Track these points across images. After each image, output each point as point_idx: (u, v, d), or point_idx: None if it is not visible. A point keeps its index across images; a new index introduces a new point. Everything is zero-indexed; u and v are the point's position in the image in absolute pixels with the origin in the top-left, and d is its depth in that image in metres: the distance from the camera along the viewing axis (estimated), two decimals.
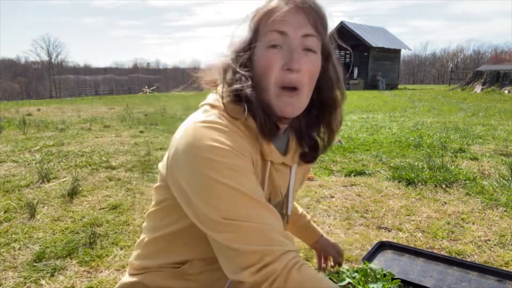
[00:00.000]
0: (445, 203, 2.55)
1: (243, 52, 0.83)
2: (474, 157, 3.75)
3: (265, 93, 0.81)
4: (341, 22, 24.23)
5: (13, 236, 2.05)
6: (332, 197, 2.71)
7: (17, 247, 1.93)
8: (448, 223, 2.22)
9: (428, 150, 4.08)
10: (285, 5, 0.80)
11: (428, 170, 3.17)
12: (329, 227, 2.20)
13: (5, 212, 2.37)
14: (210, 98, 0.86)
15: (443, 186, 2.87)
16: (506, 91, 13.82)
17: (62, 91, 34.61)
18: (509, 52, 61.59)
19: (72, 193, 2.69)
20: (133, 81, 34.76)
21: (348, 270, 1.41)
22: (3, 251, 1.89)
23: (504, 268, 1.69)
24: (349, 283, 1.33)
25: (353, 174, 3.28)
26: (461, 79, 19.40)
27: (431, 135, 5.01)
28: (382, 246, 1.76)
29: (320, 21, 0.82)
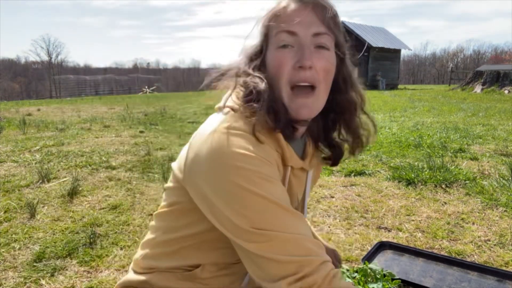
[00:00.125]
0: (445, 203, 2.55)
1: (256, 56, 0.82)
2: (474, 157, 3.75)
3: (279, 95, 0.79)
4: (341, 22, 24.21)
5: (13, 236, 2.05)
6: (332, 197, 2.71)
7: (17, 247, 1.94)
8: (448, 223, 2.22)
9: (428, 150, 4.08)
10: (293, 4, 0.78)
11: (428, 170, 3.17)
12: (329, 227, 2.20)
13: (5, 212, 2.38)
14: (228, 101, 0.82)
15: (443, 186, 2.87)
16: (506, 91, 13.82)
17: (62, 91, 34.62)
18: (509, 52, 61.60)
19: (72, 193, 2.69)
20: (133, 81, 34.78)
21: (348, 270, 1.41)
22: (3, 251, 1.89)
23: (504, 268, 1.69)
24: None
25: (353, 174, 3.28)
26: (461, 79, 19.40)
27: (431, 135, 5.01)
28: (382, 246, 1.76)
29: (332, 19, 0.80)
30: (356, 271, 1.41)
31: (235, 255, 0.79)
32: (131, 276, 0.95)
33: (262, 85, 0.77)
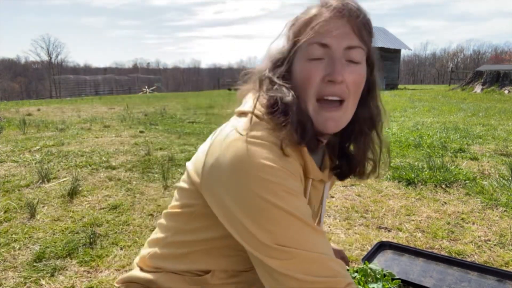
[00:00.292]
0: (445, 203, 2.55)
1: (281, 63, 0.78)
2: (474, 157, 3.75)
3: (305, 107, 0.76)
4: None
5: (13, 236, 2.05)
6: (332, 197, 2.71)
7: (17, 247, 1.94)
8: (448, 223, 2.22)
9: (428, 150, 4.08)
10: (327, 12, 0.74)
11: (428, 170, 3.17)
12: (329, 227, 2.20)
13: (5, 212, 2.38)
14: (250, 106, 0.79)
15: (443, 186, 2.87)
16: (506, 91, 13.82)
17: (62, 91, 34.65)
18: (509, 52, 61.62)
19: (72, 193, 2.69)
20: (133, 81, 34.80)
21: (348, 270, 1.41)
22: (3, 251, 1.89)
23: (504, 268, 1.69)
24: None
25: None
26: (461, 79, 19.40)
27: (431, 135, 5.01)
28: (382, 246, 1.76)
29: (366, 29, 0.77)
30: (356, 271, 1.41)
31: (246, 263, 0.78)
32: (137, 273, 0.93)
33: (289, 97, 0.74)
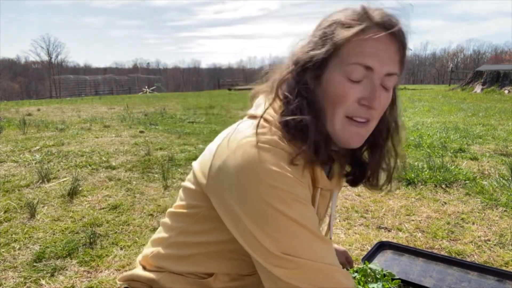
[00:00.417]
0: (445, 203, 2.55)
1: (309, 69, 0.74)
2: (474, 157, 3.75)
3: (330, 121, 0.75)
4: None
5: (13, 236, 2.05)
6: None
7: (17, 247, 1.94)
8: (448, 223, 2.22)
9: (428, 150, 4.08)
10: (377, 30, 0.71)
11: (428, 170, 3.17)
12: (327, 225, 2.19)
13: (5, 212, 2.38)
14: (262, 110, 0.77)
15: (443, 186, 2.87)
16: (506, 91, 13.81)
17: (62, 91, 34.64)
18: (509, 52, 61.62)
19: (72, 193, 2.69)
20: (133, 81, 34.78)
21: (348, 270, 1.41)
22: (3, 251, 1.89)
23: (504, 268, 1.69)
24: None
25: None
26: (461, 79, 19.40)
27: (431, 135, 5.01)
28: (382, 246, 1.76)
29: (405, 54, 0.76)
30: (356, 271, 1.41)
31: (250, 267, 0.77)
32: (139, 272, 0.93)
33: (309, 118, 0.72)
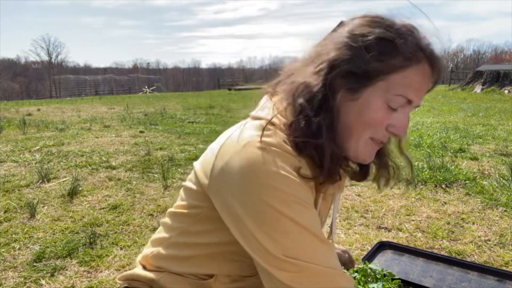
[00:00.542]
0: (445, 203, 2.55)
1: (350, 79, 0.72)
2: (474, 157, 3.75)
3: (354, 141, 0.76)
4: (341, 22, 24.20)
5: (13, 236, 2.05)
6: None
7: (17, 247, 1.94)
8: (448, 223, 2.22)
9: (428, 150, 4.08)
10: (427, 65, 0.73)
11: (428, 170, 3.17)
12: (329, 228, 2.19)
13: (5, 212, 2.38)
14: (267, 113, 0.76)
15: (443, 186, 2.87)
16: (506, 91, 13.81)
17: (62, 91, 34.64)
18: (509, 52, 61.63)
19: (72, 193, 2.69)
20: (133, 81, 34.78)
21: (348, 270, 1.41)
22: (3, 251, 1.89)
23: (504, 268, 1.69)
24: None
25: None
26: (461, 79, 19.39)
27: (431, 135, 5.01)
28: (382, 246, 1.76)
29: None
30: (356, 271, 1.41)
31: (250, 269, 0.77)
32: (139, 271, 0.93)
33: (327, 141, 0.71)
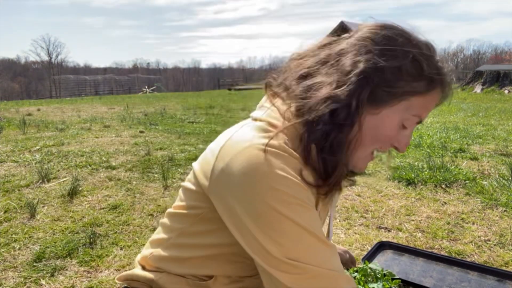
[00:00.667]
0: (445, 203, 2.55)
1: (382, 93, 0.71)
2: (474, 157, 3.75)
3: (360, 153, 0.77)
4: (341, 22, 24.21)
5: (13, 236, 2.05)
6: None
7: (17, 247, 1.94)
8: (448, 223, 2.22)
9: (428, 150, 4.08)
10: (440, 93, 0.76)
11: (428, 170, 3.17)
12: (328, 226, 2.20)
13: (5, 212, 2.38)
14: (269, 114, 0.76)
15: (443, 186, 2.87)
16: (506, 91, 13.81)
17: (62, 91, 34.65)
18: (509, 52, 61.64)
19: (72, 193, 2.69)
20: (133, 81, 34.79)
21: (348, 270, 1.41)
22: (3, 251, 1.89)
23: (504, 268, 1.69)
24: None
25: None
26: (461, 79, 19.40)
27: (431, 135, 5.01)
28: (382, 246, 1.76)
29: None
30: (356, 271, 1.41)
31: (250, 269, 0.77)
32: (138, 272, 0.92)
33: (342, 155, 0.72)
